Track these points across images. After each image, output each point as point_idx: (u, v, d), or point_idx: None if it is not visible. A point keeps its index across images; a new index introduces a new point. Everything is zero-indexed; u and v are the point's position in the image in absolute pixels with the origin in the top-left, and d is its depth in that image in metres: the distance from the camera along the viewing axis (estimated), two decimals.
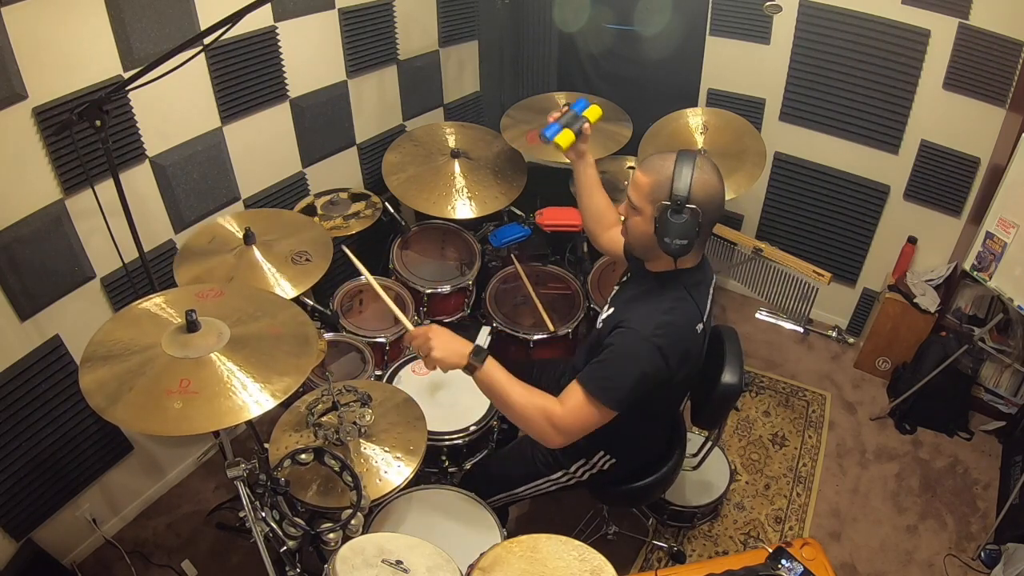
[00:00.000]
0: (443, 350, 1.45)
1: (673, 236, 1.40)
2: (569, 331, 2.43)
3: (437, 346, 1.45)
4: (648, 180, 1.43)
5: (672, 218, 1.39)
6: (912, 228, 2.89)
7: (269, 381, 1.34)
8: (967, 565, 2.29)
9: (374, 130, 2.82)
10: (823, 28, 2.67)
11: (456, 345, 1.47)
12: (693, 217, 1.39)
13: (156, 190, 2.06)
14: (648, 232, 1.45)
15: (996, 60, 2.41)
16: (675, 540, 2.30)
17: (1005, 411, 2.78)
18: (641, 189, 1.44)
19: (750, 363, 3.07)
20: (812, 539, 1.60)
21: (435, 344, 1.45)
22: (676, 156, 1.42)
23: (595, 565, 1.36)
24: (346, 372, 2.26)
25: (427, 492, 1.77)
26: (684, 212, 1.38)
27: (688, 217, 1.38)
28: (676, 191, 1.37)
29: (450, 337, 1.48)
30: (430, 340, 1.45)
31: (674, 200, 1.38)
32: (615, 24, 3.01)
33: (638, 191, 1.45)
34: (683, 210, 1.38)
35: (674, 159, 1.41)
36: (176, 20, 1.90)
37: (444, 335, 1.48)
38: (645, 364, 1.41)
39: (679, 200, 1.37)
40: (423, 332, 1.48)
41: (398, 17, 2.69)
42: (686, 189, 1.37)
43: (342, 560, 1.26)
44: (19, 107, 1.64)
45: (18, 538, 1.94)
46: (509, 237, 2.68)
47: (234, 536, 2.25)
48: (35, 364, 1.86)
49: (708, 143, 2.58)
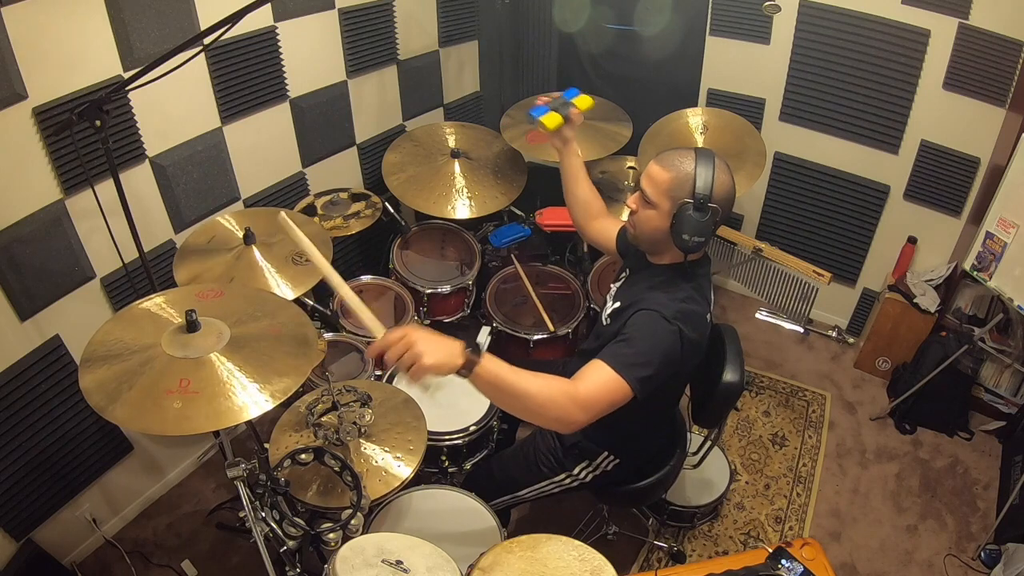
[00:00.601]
0: (434, 354, 1.20)
1: (692, 233, 1.41)
2: (569, 331, 2.43)
3: (426, 350, 1.19)
4: (668, 176, 1.43)
5: (694, 215, 1.40)
6: (912, 228, 2.89)
7: (269, 382, 1.34)
8: (967, 565, 2.29)
9: (374, 130, 2.82)
10: (823, 28, 2.67)
11: (447, 345, 1.23)
12: (712, 216, 1.40)
13: (156, 190, 2.06)
14: (662, 227, 1.45)
15: (996, 60, 2.41)
16: (675, 540, 2.30)
17: (1005, 411, 2.78)
18: (659, 185, 1.44)
19: (750, 363, 3.07)
20: (812, 539, 1.60)
21: (423, 348, 1.19)
22: (696, 154, 1.42)
23: (595, 565, 1.36)
24: (346, 372, 2.26)
25: (427, 492, 1.77)
26: (705, 210, 1.39)
27: (708, 216, 1.40)
28: (699, 189, 1.39)
29: (436, 337, 1.24)
30: (415, 345, 1.19)
31: (697, 198, 1.39)
32: (615, 24, 3.02)
33: (655, 186, 1.45)
34: (705, 208, 1.39)
35: (694, 157, 1.42)
36: (176, 20, 1.90)
37: (428, 336, 1.22)
38: (668, 346, 1.39)
39: (701, 198, 1.39)
40: (400, 337, 1.20)
41: (398, 17, 2.69)
42: (708, 188, 1.39)
43: (342, 560, 1.26)
44: (19, 107, 1.64)
45: (18, 538, 1.94)
46: (509, 237, 2.68)
47: (234, 536, 2.25)
48: (35, 364, 1.86)
49: (708, 143, 2.58)
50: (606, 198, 2.55)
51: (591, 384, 1.33)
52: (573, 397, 1.31)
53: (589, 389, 1.32)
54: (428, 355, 1.19)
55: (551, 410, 1.31)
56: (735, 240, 2.80)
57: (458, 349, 1.24)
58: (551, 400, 1.30)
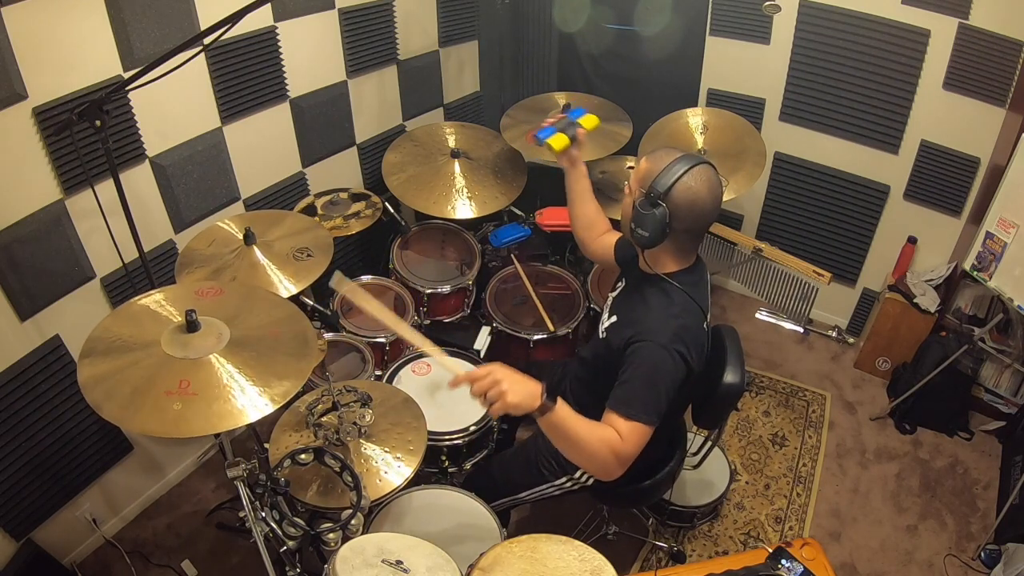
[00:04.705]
0: (518, 393, 1.26)
1: (638, 224, 1.45)
2: (569, 331, 2.43)
3: (512, 389, 1.26)
4: (645, 167, 1.48)
5: (642, 208, 1.44)
6: (912, 228, 2.89)
7: (268, 385, 1.34)
8: (967, 565, 2.29)
9: (374, 130, 2.82)
10: (823, 28, 2.67)
11: (529, 385, 1.29)
12: (661, 215, 1.41)
13: (156, 190, 2.06)
14: (629, 215, 1.49)
15: (996, 60, 2.41)
16: (675, 540, 2.30)
17: (1005, 411, 2.78)
18: (638, 172, 1.51)
19: (750, 363, 3.07)
20: (812, 539, 1.60)
21: (508, 387, 1.26)
22: (679, 155, 1.45)
23: (595, 565, 1.36)
24: (346, 372, 2.26)
25: (427, 492, 1.77)
26: (656, 206, 1.42)
27: (656, 213, 1.42)
28: (656, 184, 1.41)
29: (519, 376, 1.30)
30: (501, 383, 1.26)
31: (649, 192, 1.42)
32: (615, 24, 3.01)
33: (635, 174, 1.52)
34: (655, 205, 1.42)
35: (675, 156, 1.44)
36: (176, 20, 1.90)
37: (514, 376, 1.29)
38: (672, 372, 1.42)
39: (654, 193, 1.41)
40: (486, 373, 1.28)
41: (398, 17, 2.69)
42: (665, 187, 1.41)
43: (342, 560, 1.26)
44: (19, 107, 1.64)
45: (18, 538, 1.94)
46: (509, 237, 2.68)
47: (234, 536, 2.24)
48: (35, 364, 1.86)
49: (708, 143, 2.58)
50: (606, 198, 2.57)
51: (625, 440, 1.37)
52: (614, 451, 1.37)
53: (624, 442, 1.37)
54: (512, 393, 1.26)
55: (594, 462, 1.39)
56: (735, 240, 2.80)
57: (538, 391, 1.30)
58: (596, 454, 1.37)
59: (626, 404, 1.39)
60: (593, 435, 1.36)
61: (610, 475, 1.40)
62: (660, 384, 1.41)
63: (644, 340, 1.43)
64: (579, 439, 1.35)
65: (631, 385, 1.42)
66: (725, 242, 2.82)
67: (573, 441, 1.35)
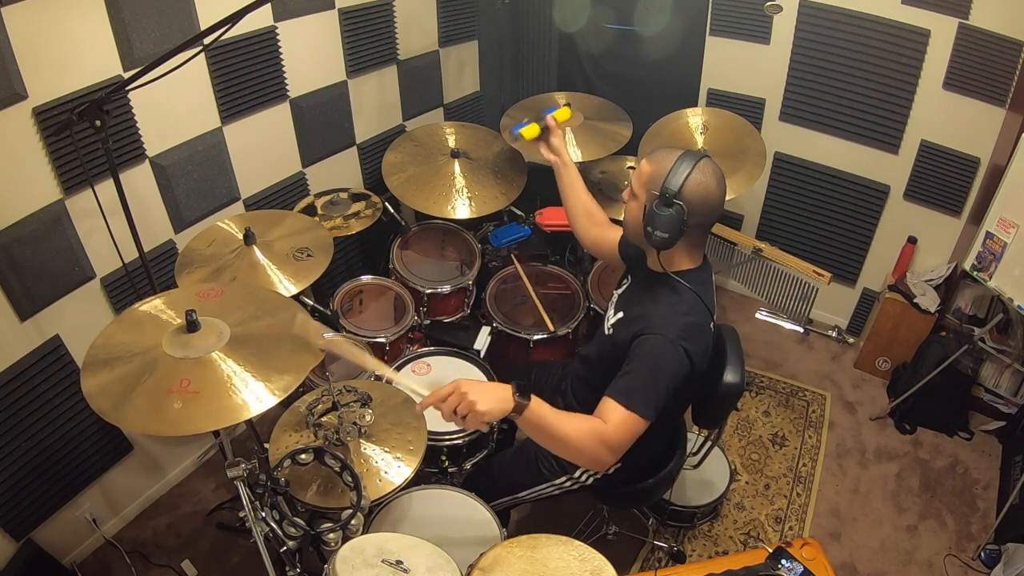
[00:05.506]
0: (487, 401, 1.27)
1: (656, 227, 1.44)
2: (569, 331, 2.43)
3: (480, 399, 1.26)
4: (649, 169, 1.48)
5: (658, 209, 1.43)
6: (912, 228, 2.89)
7: (269, 379, 1.34)
8: (967, 565, 2.29)
9: (374, 130, 2.82)
10: (823, 28, 2.67)
11: (496, 390, 1.31)
12: (678, 213, 1.41)
13: (156, 190, 2.06)
14: (640, 219, 1.48)
15: (996, 60, 2.41)
16: (675, 540, 2.30)
17: (1005, 411, 2.78)
18: (641, 176, 1.50)
19: (750, 363, 3.07)
20: (812, 539, 1.60)
21: (475, 397, 1.26)
22: (680, 153, 1.45)
23: (595, 565, 1.36)
24: (346, 372, 2.26)
25: (427, 492, 1.76)
26: (670, 205, 1.41)
27: (673, 212, 1.41)
28: (668, 184, 1.41)
29: (484, 384, 1.33)
30: (467, 395, 1.27)
31: (664, 192, 1.41)
32: (615, 24, 3.02)
33: (638, 178, 1.51)
34: (670, 204, 1.41)
35: (678, 155, 1.45)
36: (176, 20, 1.90)
37: (478, 385, 1.30)
38: (676, 368, 1.42)
39: (668, 194, 1.41)
40: (451, 391, 1.29)
41: (398, 17, 2.69)
42: (678, 185, 1.41)
43: (342, 560, 1.26)
44: (19, 107, 1.64)
45: (18, 538, 1.94)
46: (509, 237, 2.68)
47: (234, 536, 2.25)
48: (35, 364, 1.86)
49: (708, 143, 2.58)
50: (606, 198, 2.57)
51: (613, 425, 1.38)
52: (604, 441, 1.37)
53: (613, 431, 1.37)
54: (481, 402, 1.26)
55: (584, 454, 1.39)
56: (735, 240, 2.80)
57: (508, 394, 1.31)
58: (584, 446, 1.36)
59: (626, 394, 1.39)
60: (576, 427, 1.36)
61: (603, 465, 1.41)
62: (662, 378, 1.41)
63: (651, 333, 1.43)
64: (562, 433, 1.35)
65: (634, 376, 1.42)
66: (725, 242, 2.82)
67: (557, 436, 1.35)
